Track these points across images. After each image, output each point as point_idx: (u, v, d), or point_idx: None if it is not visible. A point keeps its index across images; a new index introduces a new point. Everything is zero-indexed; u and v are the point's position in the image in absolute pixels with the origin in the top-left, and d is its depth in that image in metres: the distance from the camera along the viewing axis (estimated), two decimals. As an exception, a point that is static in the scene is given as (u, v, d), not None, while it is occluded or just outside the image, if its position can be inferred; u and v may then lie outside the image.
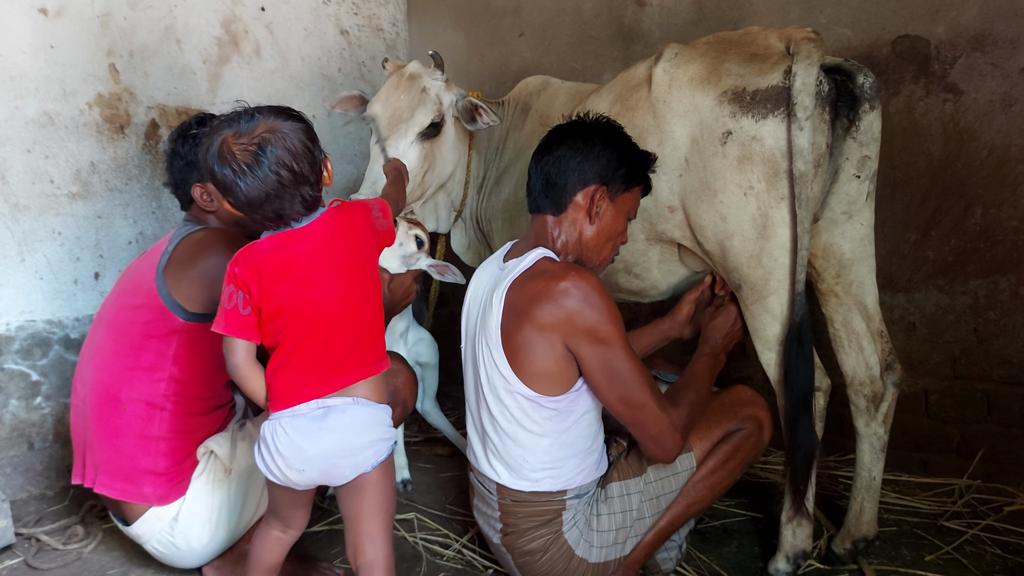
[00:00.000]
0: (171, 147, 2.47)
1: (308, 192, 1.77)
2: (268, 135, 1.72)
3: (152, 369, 2.21)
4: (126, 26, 3.46)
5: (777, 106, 2.11)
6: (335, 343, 1.79)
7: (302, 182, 1.74)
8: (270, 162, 1.70)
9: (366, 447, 1.79)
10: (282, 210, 1.76)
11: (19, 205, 3.13)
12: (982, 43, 2.82)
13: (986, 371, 2.95)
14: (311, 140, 1.78)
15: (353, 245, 1.83)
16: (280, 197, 1.73)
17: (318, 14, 4.31)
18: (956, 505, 2.78)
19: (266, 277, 1.77)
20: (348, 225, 1.84)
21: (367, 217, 1.89)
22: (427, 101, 2.85)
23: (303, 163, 1.74)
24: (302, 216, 1.80)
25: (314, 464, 1.77)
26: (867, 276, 2.36)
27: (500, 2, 4.33)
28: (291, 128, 1.75)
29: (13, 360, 3.13)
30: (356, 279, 1.82)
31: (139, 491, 2.21)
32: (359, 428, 1.79)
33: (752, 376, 3.33)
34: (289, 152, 1.72)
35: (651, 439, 2.02)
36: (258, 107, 1.78)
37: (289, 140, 1.73)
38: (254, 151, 1.70)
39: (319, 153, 1.80)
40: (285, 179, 1.72)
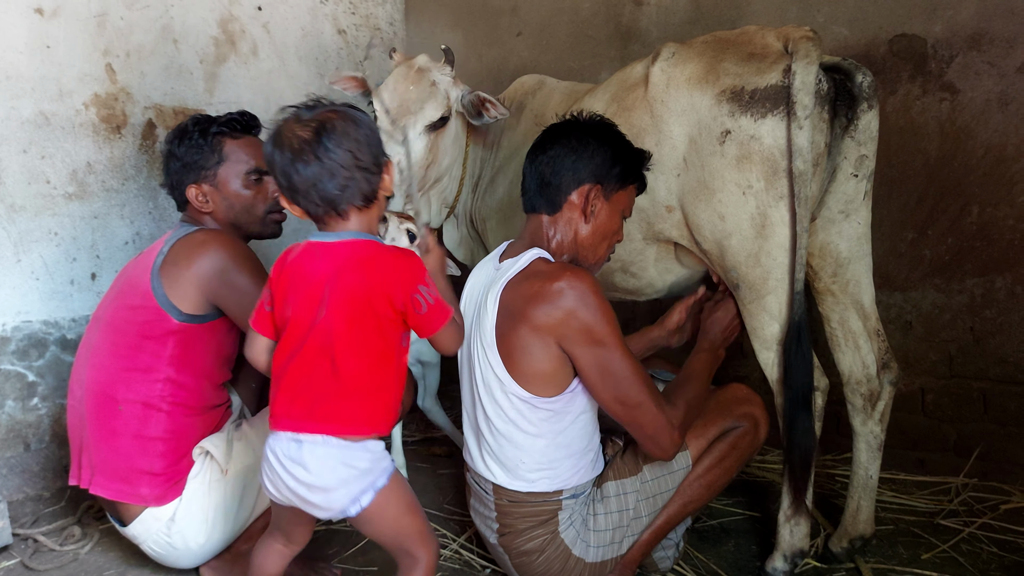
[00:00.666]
0: (168, 148, 2.46)
1: (365, 181, 1.71)
2: (331, 115, 1.69)
3: (148, 370, 2.21)
4: (123, 26, 3.45)
5: (776, 105, 2.11)
6: (321, 378, 1.70)
7: (360, 167, 1.69)
8: (329, 139, 1.66)
9: (335, 488, 1.69)
10: (335, 196, 1.69)
11: (15, 206, 3.13)
12: (979, 42, 2.82)
13: (982, 370, 2.95)
14: (373, 131, 1.74)
15: (367, 291, 1.68)
16: (335, 178, 1.67)
17: (315, 13, 4.30)
18: (953, 503, 2.78)
19: (284, 280, 1.75)
20: (374, 268, 1.70)
21: (403, 282, 1.70)
22: (437, 95, 2.84)
23: (364, 149, 1.70)
24: (353, 208, 1.73)
25: (292, 493, 1.72)
26: (864, 275, 2.36)
27: (498, 1, 4.32)
28: (356, 115, 1.72)
29: (9, 361, 3.12)
30: (356, 324, 1.69)
31: (136, 492, 2.21)
32: (326, 470, 1.69)
33: (749, 375, 3.33)
34: (350, 135, 1.68)
35: (648, 438, 2.02)
36: (328, 100, 1.75)
37: (352, 123, 1.69)
38: (315, 127, 1.67)
39: (382, 149, 1.75)
40: (343, 159, 1.67)
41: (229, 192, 2.43)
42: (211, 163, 2.40)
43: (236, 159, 2.43)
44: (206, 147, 2.40)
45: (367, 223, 1.77)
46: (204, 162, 2.40)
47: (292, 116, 1.71)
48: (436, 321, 1.73)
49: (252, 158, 2.45)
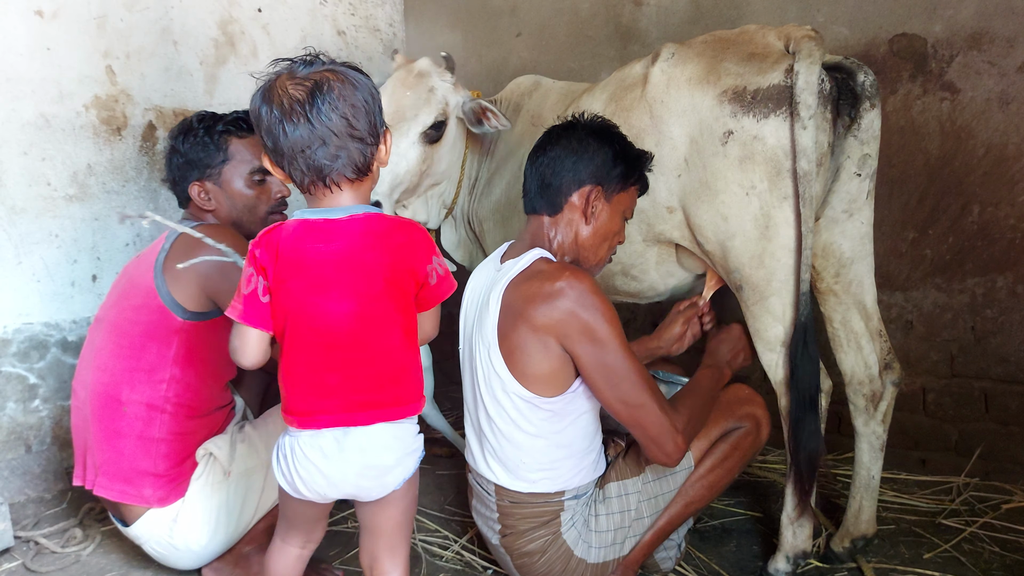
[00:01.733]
0: (171, 144, 2.45)
1: (359, 152, 1.59)
2: (329, 75, 1.56)
3: (153, 370, 2.20)
4: (123, 28, 3.45)
5: (779, 105, 2.10)
6: (356, 369, 1.62)
7: (355, 137, 1.57)
8: (324, 101, 1.53)
9: (393, 467, 1.66)
10: (324, 165, 1.57)
11: (16, 208, 3.13)
12: (979, 41, 2.82)
13: (984, 369, 2.95)
14: (374, 98, 1.61)
15: (390, 268, 1.61)
16: (326, 146, 1.56)
17: (315, 15, 4.30)
18: (954, 503, 2.78)
19: (283, 264, 1.60)
20: (394, 244, 1.62)
21: (422, 254, 1.65)
22: (433, 101, 2.83)
23: (360, 116, 1.57)
24: (345, 180, 1.61)
25: (337, 488, 1.65)
26: (866, 275, 2.35)
27: (497, 2, 4.32)
28: (356, 77, 1.59)
29: (10, 363, 3.12)
30: (386, 305, 1.62)
31: (139, 493, 2.21)
32: (383, 448, 1.64)
33: (749, 375, 3.33)
34: (345, 97, 1.56)
35: (651, 440, 2.00)
36: (328, 56, 1.61)
37: (350, 85, 1.57)
38: (310, 87, 1.54)
39: (379, 116, 1.62)
40: (336, 126, 1.55)
41: (232, 191, 2.43)
42: (216, 161, 2.40)
43: (241, 158, 2.43)
44: (211, 145, 2.40)
45: (363, 195, 1.66)
46: (208, 160, 2.40)
47: (287, 71, 1.58)
48: (444, 291, 1.69)
49: (256, 158, 2.45)
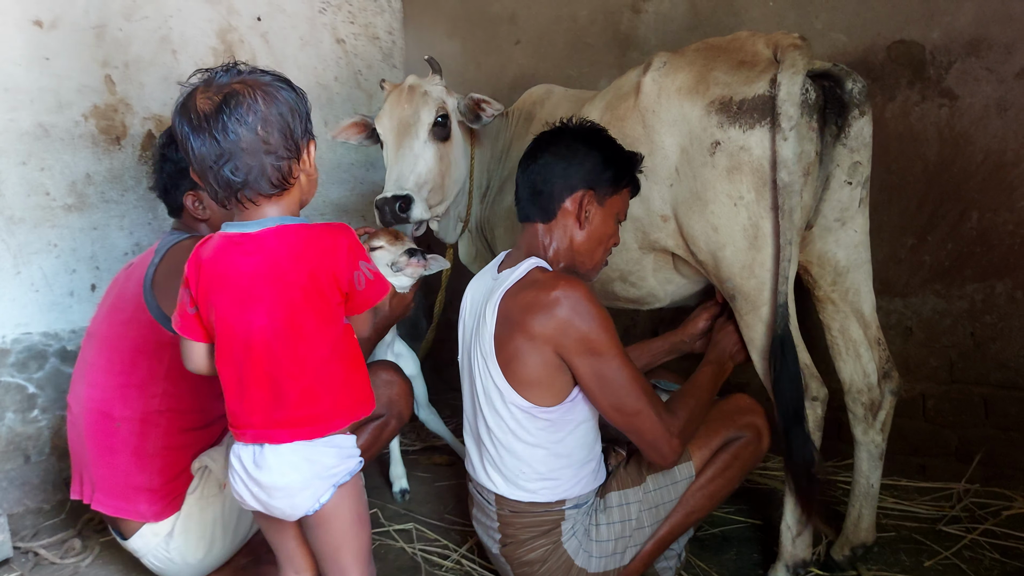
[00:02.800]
0: (161, 152, 2.41)
1: (272, 166, 1.53)
2: (239, 87, 1.50)
3: (144, 385, 2.19)
4: (121, 37, 3.46)
5: (763, 116, 2.09)
6: (275, 384, 1.58)
7: (267, 151, 1.52)
8: (230, 116, 1.48)
9: (300, 489, 1.60)
10: (233, 180, 1.52)
11: (14, 218, 3.13)
12: (977, 48, 2.82)
13: (983, 375, 2.94)
14: (292, 110, 1.54)
15: (309, 279, 1.56)
16: (233, 161, 1.50)
17: (314, 23, 4.31)
18: (955, 510, 2.77)
19: (204, 280, 1.58)
20: (313, 253, 1.57)
21: (345, 261, 1.59)
22: (429, 100, 2.88)
23: (271, 128, 1.51)
24: (261, 196, 1.56)
25: (256, 500, 1.64)
26: (863, 283, 2.35)
27: (496, 10, 4.33)
28: (269, 87, 1.52)
29: (9, 373, 3.12)
30: (307, 318, 1.57)
31: (134, 508, 2.20)
32: (289, 468, 1.59)
33: (749, 382, 3.32)
34: (256, 111, 1.50)
35: (648, 445, 2.02)
36: (248, 65, 1.56)
37: (261, 98, 1.50)
38: (218, 102, 1.49)
39: (299, 127, 1.55)
40: (244, 140, 1.49)
41: None
42: None
43: None
44: None
45: (287, 207, 1.61)
46: None
47: (202, 82, 1.53)
48: (374, 295, 1.62)
49: None
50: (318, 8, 4.33)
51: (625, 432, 2.04)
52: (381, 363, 2.61)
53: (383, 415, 2.49)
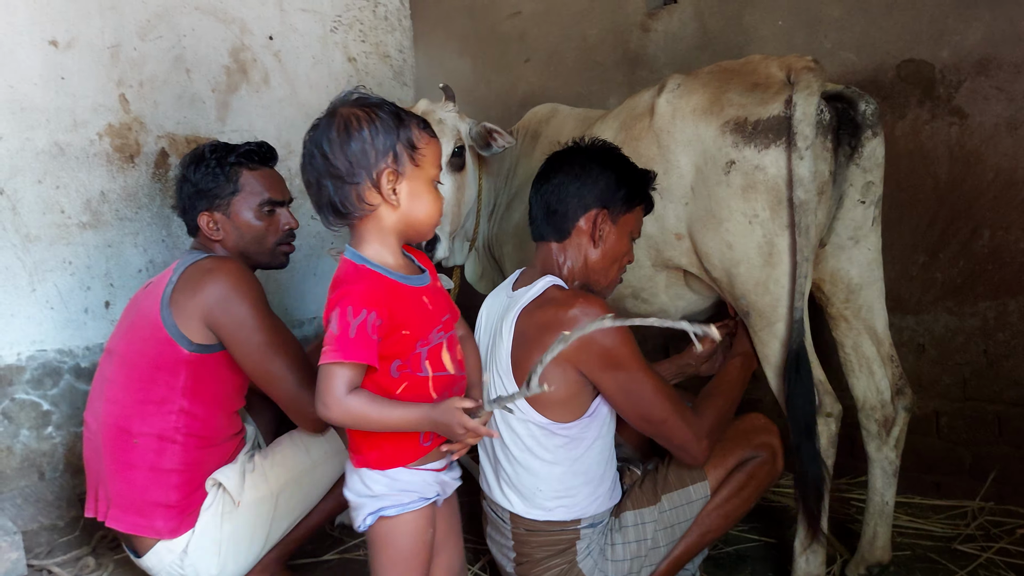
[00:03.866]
0: (182, 172, 2.45)
1: (336, 190, 1.59)
2: (332, 113, 1.60)
3: (162, 402, 2.21)
4: (136, 56, 3.50)
5: (779, 136, 2.12)
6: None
7: (333, 175, 1.58)
8: (311, 139, 1.60)
9: (353, 505, 1.77)
10: (313, 198, 1.64)
11: (30, 235, 3.15)
12: (987, 67, 2.84)
13: (997, 392, 2.94)
14: (369, 139, 1.58)
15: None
16: (308, 180, 1.62)
17: (326, 42, 4.35)
18: (969, 528, 2.76)
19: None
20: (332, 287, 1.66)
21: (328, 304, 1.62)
22: (446, 131, 2.87)
23: (338, 154, 1.57)
24: (336, 218, 1.64)
25: None
26: (876, 300, 2.36)
27: (506, 28, 4.36)
28: (353, 116, 1.59)
29: (24, 390, 3.14)
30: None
31: (150, 524, 2.21)
32: (349, 484, 1.78)
33: (762, 399, 3.32)
34: (330, 137, 1.58)
35: (677, 448, 2.09)
36: (362, 92, 1.65)
37: (340, 125, 1.58)
38: (313, 126, 1.62)
39: (374, 156, 1.59)
40: (316, 163, 1.59)
41: (240, 222, 2.42)
42: (226, 192, 2.40)
43: (251, 190, 2.43)
44: (222, 176, 2.40)
45: (363, 232, 1.66)
46: (218, 191, 2.40)
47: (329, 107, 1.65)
48: (323, 353, 1.59)
49: (267, 190, 2.45)
50: (329, 27, 4.37)
51: (654, 438, 2.09)
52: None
53: None
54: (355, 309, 1.55)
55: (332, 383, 1.57)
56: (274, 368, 2.21)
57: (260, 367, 2.22)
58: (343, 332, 1.55)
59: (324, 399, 1.58)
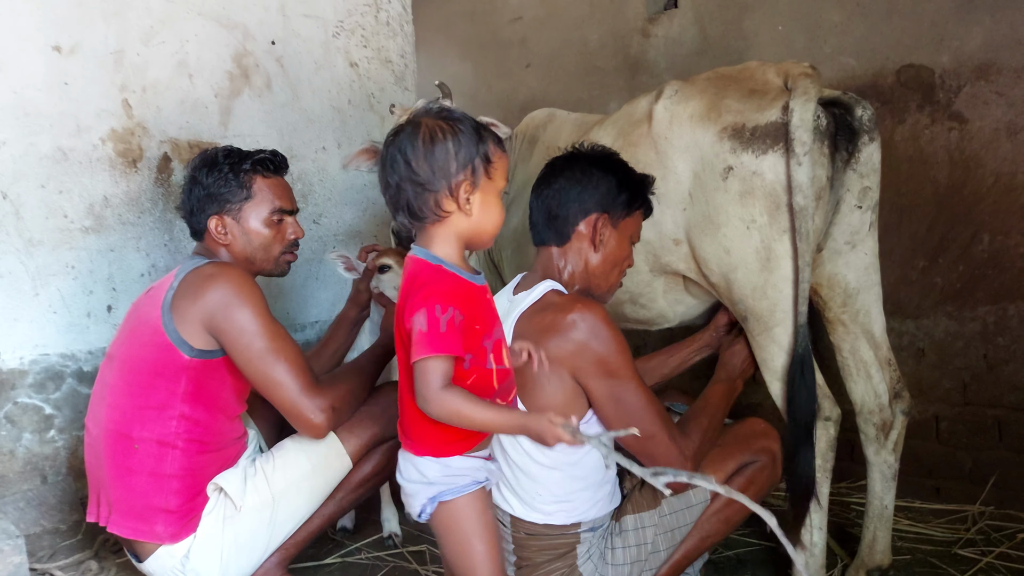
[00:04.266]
0: (192, 175, 2.45)
1: (415, 195, 1.66)
2: (416, 122, 1.67)
3: (163, 407, 2.21)
4: (139, 62, 3.51)
5: (776, 141, 2.13)
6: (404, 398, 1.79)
7: (414, 180, 1.65)
8: (395, 146, 1.66)
9: (410, 493, 1.81)
10: (392, 203, 1.71)
11: (33, 240, 3.17)
12: (987, 72, 2.85)
13: (997, 397, 2.94)
14: (451, 150, 1.65)
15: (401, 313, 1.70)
16: (391, 185, 1.68)
17: (328, 47, 4.36)
18: (970, 532, 2.77)
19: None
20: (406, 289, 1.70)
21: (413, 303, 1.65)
22: None
23: (421, 163, 1.64)
24: (414, 222, 1.71)
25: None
26: (873, 305, 2.37)
27: (507, 34, 4.38)
28: (437, 127, 1.66)
29: (27, 394, 3.15)
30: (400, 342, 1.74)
31: (151, 529, 2.21)
32: (404, 472, 1.82)
33: (761, 403, 3.32)
34: (415, 145, 1.64)
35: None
36: (442, 105, 1.75)
37: (426, 134, 1.64)
38: (394, 132, 1.67)
39: (455, 167, 1.65)
40: (399, 169, 1.66)
41: (250, 228, 2.44)
42: (238, 198, 2.42)
43: (263, 198, 2.45)
44: (235, 182, 2.41)
45: (435, 236, 1.72)
46: (231, 196, 2.41)
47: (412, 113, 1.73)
48: (416, 350, 1.61)
49: (278, 198, 2.47)
50: (332, 32, 4.39)
51: (638, 455, 2.04)
52: (395, 384, 2.62)
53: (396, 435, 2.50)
54: (442, 307, 1.62)
55: (429, 377, 1.62)
56: (275, 374, 2.22)
57: (261, 373, 2.22)
58: (433, 328, 1.61)
59: (424, 393, 1.62)
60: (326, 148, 4.31)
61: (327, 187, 4.30)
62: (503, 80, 4.42)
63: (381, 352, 2.57)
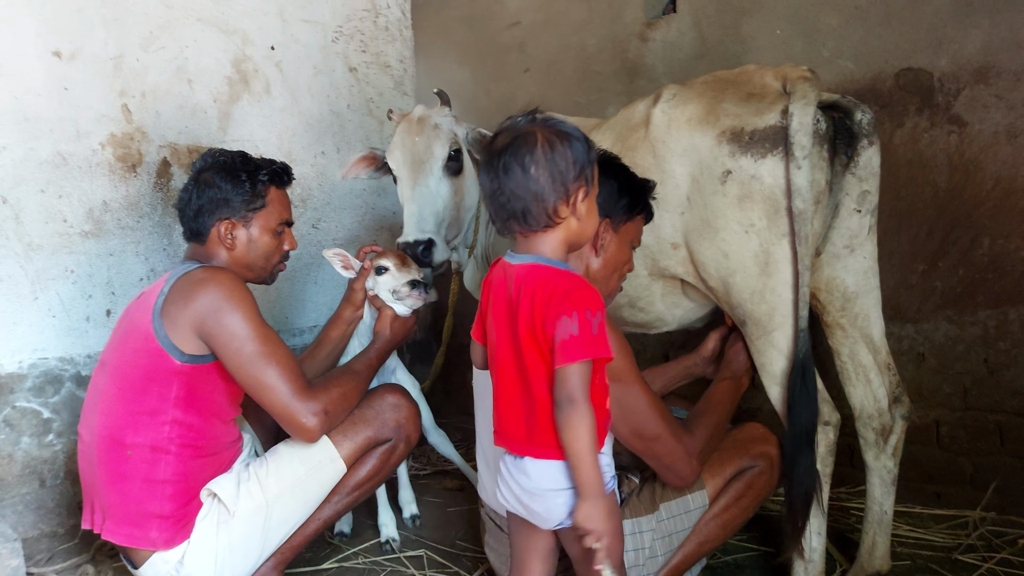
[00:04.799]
0: (205, 176, 2.45)
1: (538, 204, 1.65)
2: (527, 131, 1.67)
3: (155, 413, 2.20)
4: (138, 67, 3.52)
5: (775, 145, 2.12)
6: (525, 403, 1.69)
7: (534, 191, 1.64)
8: (512, 156, 1.65)
9: (555, 496, 1.66)
10: (506, 212, 1.68)
11: (33, 244, 3.17)
12: (985, 75, 2.84)
13: (998, 402, 2.93)
14: (567, 157, 1.66)
15: (527, 318, 1.64)
16: (506, 194, 1.65)
17: (327, 52, 4.37)
18: (970, 538, 2.75)
19: (484, 294, 1.79)
20: (537, 296, 1.65)
21: (554, 310, 1.60)
22: (441, 135, 2.89)
23: (542, 171, 1.64)
24: (528, 230, 1.69)
25: (519, 503, 1.73)
26: (872, 309, 2.36)
27: (505, 38, 4.38)
28: (552, 135, 1.66)
29: (25, 398, 3.15)
30: (523, 349, 1.66)
31: (145, 535, 2.20)
32: (548, 477, 1.67)
33: (761, 407, 3.31)
34: (532, 154, 1.64)
35: (666, 468, 2.04)
36: (545, 113, 1.73)
37: (541, 143, 1.65)
38: (507, 142, 1.66)
39: (572, 174, 1.66)
40: (516, 178, 1.64)
41: (256, 236, 2.47)
42: (252, 206, 2.45)
43: (273, 208, 2.50)
44: (252, 190, 2.45)
45: (548, 245, 1.71)
46: (246, 204, 2.44)
47: (510, 123, 1.71)
48: (570, 354, 1.57)
49: (286, 210, 2.55)
50: (331, 37, 4.39)
51: (643, 456, 2.04)
52: (388, 386, 2.62)
53: (391, 439, 2.50)
54: (592, 310, 1.61)
55: (583, 380, 1.60)
56: (266, 378, 2.22)
57: (252, 377, 2.22)
58: (586, 331, 1.59)
59: (575, 396, 1.58)
60: (325, 152, 4.31)
61: (326, 192, 4.31)
62: (501, 85, 4.43)
63: (375, 355, 2.57)
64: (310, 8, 4.28)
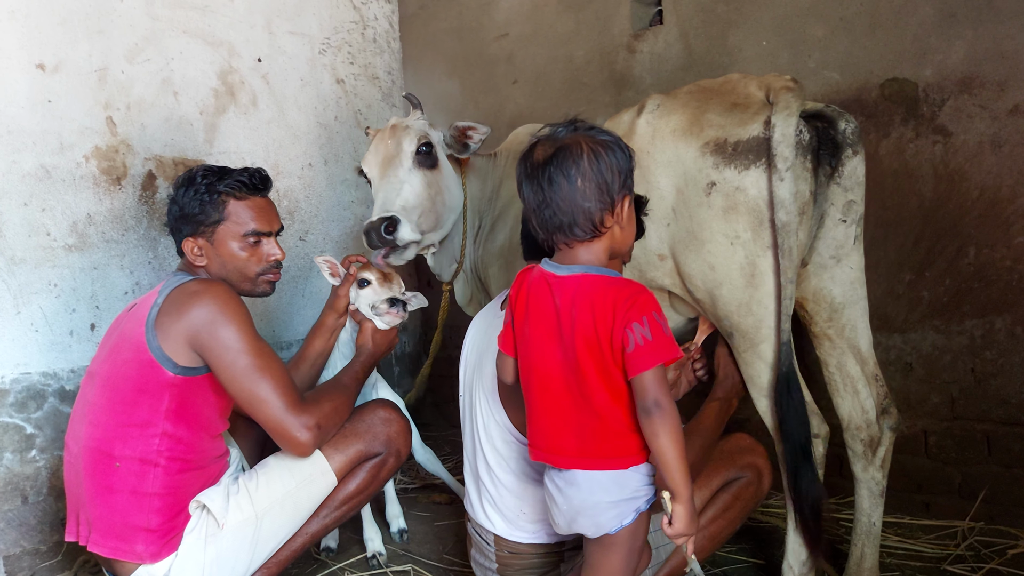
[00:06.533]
0: (173, 193, 2.45)
1: (585, 214, 1.64)
2: (570, 142, 1.65)
3: (145, 425, 2.18)
4: (123, 79, 3.51)
5: (758, 157, 2.12)
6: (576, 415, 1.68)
7: (581, 201, 1.63)
8: (557, 167, 1.62)
9: (607, 508, 1.67)
10: (551, 225, 1.66)
11: (15, 258, 3.15)
12: (970, 85, 2.85)
13: (985, 411, 2.93)
14: (611, 167, 1.64)
15: (588, 327, 1.64)
16: (552, 206, 1.64)
17: (314, 64, 4.37)
18: (959, 548, 2.74)
19: (520, 307, 1.75)
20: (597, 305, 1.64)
21: (621, 318, 1.61)
22: (410, 132, 2.95)
23: (588, 181, 1.63)
24: (574, 240, 1.68)
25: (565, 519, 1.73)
26: (859, 319, 2.35)
27: (493, 50, 4.39)
28: (596, 144, 1.65)
29: (7, 413, 3.11)
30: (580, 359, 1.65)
31: (131, 548, 2.18)
32: (600, 488, 1.68)
33: (749, 418, 3.30)
34: (578, 164, 1.62)
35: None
36: (585, 123, 1.71)
37: (586, 153, 1.63)
38: (549, 154, 1.64)
39: (616, 183, 1.65)
40: (563, 189, 1.62)
41: (224, 251, 2.41)
42: (210, 220, 2.39)
43: (236, 220, 2.41)
44: (208, 204, 2.38)
45: (595, 253, 1.71)
46: (203, 218, 2.39)
47: (548, 134, 1.70)
48: (643, 362, 1.59)
49: (253, 220, 2.43)
50: (318, 49, 4.39)
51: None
52: (379, 401, 2.61)
53: (381, 453, 2.49)
54: (658, 313, 1.63)
55: (664, 384, 1.60)
56: (260, 391, 2.20)
57: (246, 390, 2.20)
58: (658, 335, 1.60)
59: (661, 400, 1.59)
60: (312, 165, 4.30)
61: (313, 204, 4.30)
62: (490, 96, 4.43)
63: (360, 368, 2.57)
64: (297, 20, 4.28)
